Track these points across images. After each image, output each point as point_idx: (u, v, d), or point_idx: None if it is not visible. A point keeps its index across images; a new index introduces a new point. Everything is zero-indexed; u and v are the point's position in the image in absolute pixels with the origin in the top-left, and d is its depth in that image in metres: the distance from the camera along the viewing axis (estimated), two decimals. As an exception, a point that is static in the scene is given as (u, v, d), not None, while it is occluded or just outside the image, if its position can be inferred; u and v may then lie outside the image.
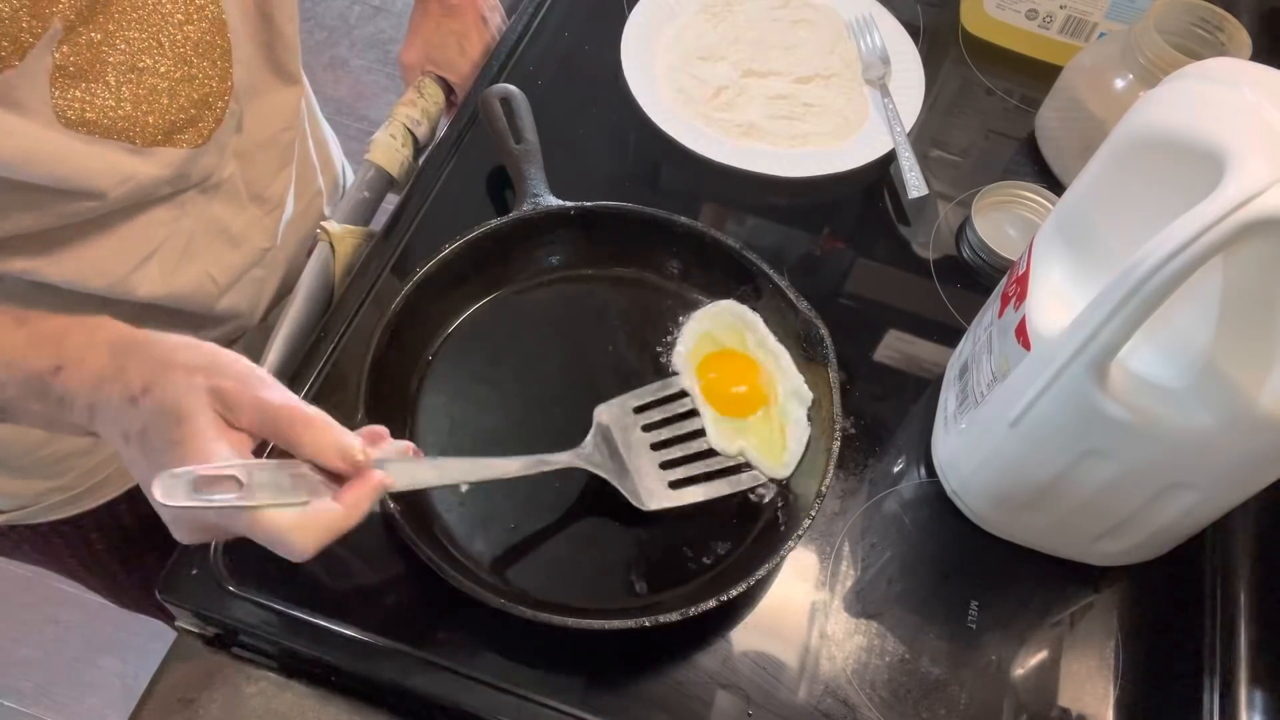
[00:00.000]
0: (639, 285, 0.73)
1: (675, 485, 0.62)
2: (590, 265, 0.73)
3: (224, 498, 0.44)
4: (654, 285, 0.73)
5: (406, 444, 0.52)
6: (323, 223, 0.74)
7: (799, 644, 0.60)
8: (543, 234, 0.71)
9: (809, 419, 0.66)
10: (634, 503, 0.60)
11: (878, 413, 0.70)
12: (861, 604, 0.62)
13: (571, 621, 0.55)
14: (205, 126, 0.60)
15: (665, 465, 0.63)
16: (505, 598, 0.54)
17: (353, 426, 0.58)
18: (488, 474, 0.57)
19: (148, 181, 0.59)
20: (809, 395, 0.66)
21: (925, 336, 0.75)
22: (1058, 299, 0.56)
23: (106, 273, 0.62)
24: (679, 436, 0.64)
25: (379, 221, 0.79)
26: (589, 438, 0.62)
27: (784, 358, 0.68)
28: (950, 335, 0.73)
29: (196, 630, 0.59)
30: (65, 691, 1.52)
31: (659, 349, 0.69)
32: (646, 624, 0.55)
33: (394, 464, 0.50)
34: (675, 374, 0.68)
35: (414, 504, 0.60)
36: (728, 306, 0.71)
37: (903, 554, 0.64)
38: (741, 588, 0.56)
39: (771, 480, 0.64)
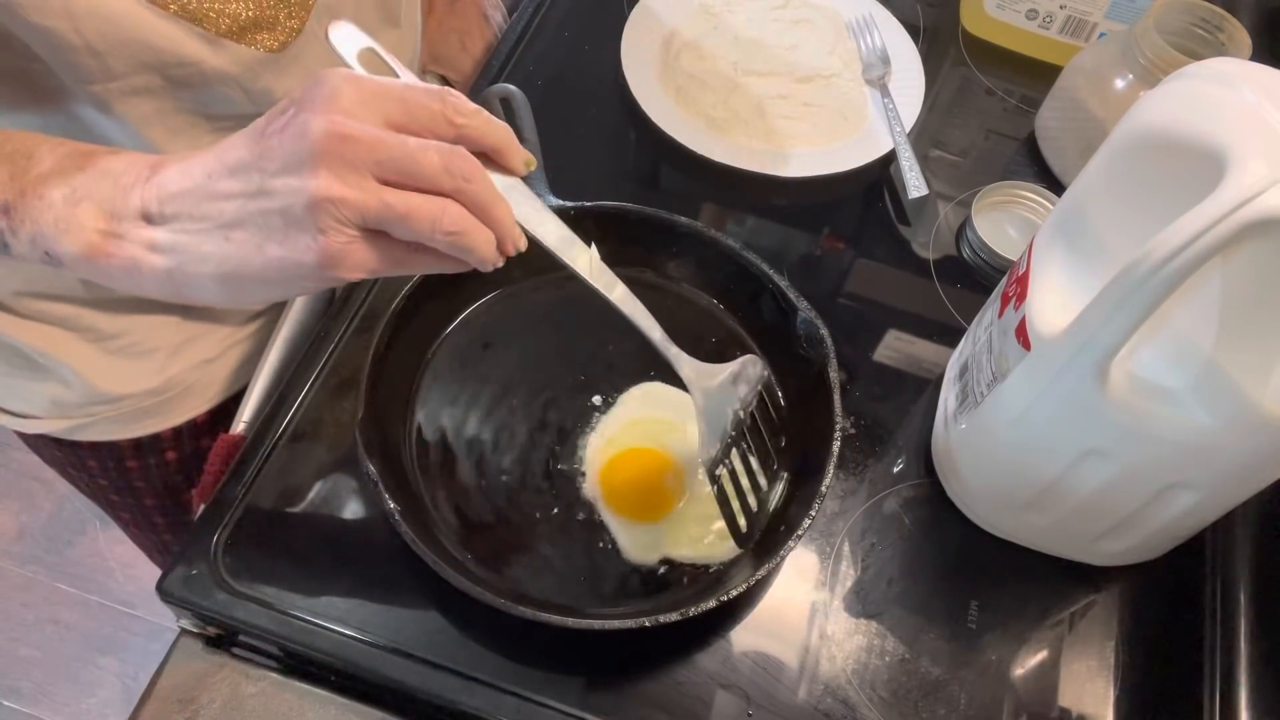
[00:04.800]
0: (639, 285, 0.72)
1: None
2: (590, 265, 0.73)
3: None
4: (654, 285, 0.73)
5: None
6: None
7: (799, 644, 0.60)
8: (543, 234, 0.71)
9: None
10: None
11: (878, 413, 0.70)
12: (861, 604, 0.62)
13: (571, 621, 0.55)
14: (282, 32, 0.59)
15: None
16: (505, 598, 0.54)
17: (353, 426, 0.59)
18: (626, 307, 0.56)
19: (210, 72, 0.57)
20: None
21: (925, 336, 0.75)
22: (1058, 299, 0.56)
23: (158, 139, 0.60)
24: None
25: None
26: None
27: None
28: (950, 335, 0.73)
29: (196, 630, 0.59)
30: (65, 691, 1.52)
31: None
32: (646, 624, 0.55)
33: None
34: (582, 475, 0.64)
35: (414, 504, 0.60)
36: (656, 391, 0.67)
37: (903, 554, 0.64)
38: (741, 588, 0.56)
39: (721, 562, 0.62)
